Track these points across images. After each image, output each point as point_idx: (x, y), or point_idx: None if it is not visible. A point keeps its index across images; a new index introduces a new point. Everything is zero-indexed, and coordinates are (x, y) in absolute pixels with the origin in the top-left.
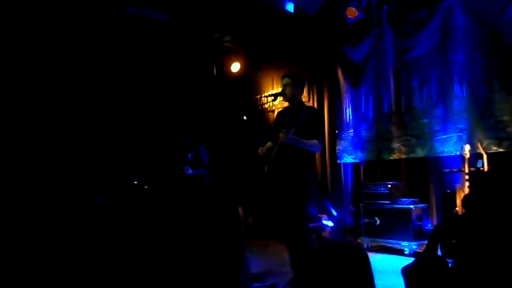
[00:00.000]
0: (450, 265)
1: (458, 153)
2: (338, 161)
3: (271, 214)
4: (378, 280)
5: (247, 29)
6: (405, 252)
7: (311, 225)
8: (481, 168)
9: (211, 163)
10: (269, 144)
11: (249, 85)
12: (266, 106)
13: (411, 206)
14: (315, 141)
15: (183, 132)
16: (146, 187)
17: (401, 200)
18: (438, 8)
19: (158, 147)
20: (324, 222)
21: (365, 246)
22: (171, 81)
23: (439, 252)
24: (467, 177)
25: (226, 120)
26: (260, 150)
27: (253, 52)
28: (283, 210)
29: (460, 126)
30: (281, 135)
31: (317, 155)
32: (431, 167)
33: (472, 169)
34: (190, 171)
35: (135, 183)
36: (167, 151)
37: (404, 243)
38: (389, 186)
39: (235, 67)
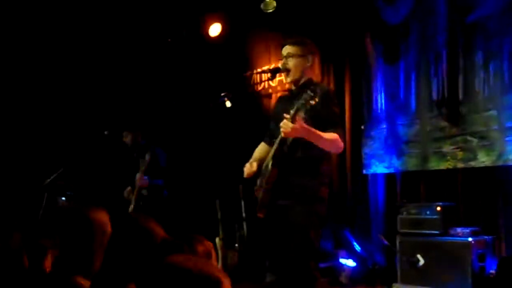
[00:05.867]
0: None
1: None
2: (364, 171)
3: (263, 249)
4: None
5: None
6: None
7: (323, 265)
8: None
9: (172, 172)
10: (258, 153)
11: (234, 56)
12: (260, 87)
13: (470, 239)
14: (334, 135)
15: (131, 126)
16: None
17: (456, 230)
18: None
19: (95, 146)
20: (342, 261)
21: None
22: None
23: None
24: None
25: (196, 109)
26: (246, 169)
27: (241, 7)
28: (281, 243)
29: None
30: (284, 124)
31: (332, 161)
32: (500, 182)
33: None
34: (147, 180)
35: (63, 200)
36: (109, 153)
37: None
38: (439, 209)
39: (215, 29)
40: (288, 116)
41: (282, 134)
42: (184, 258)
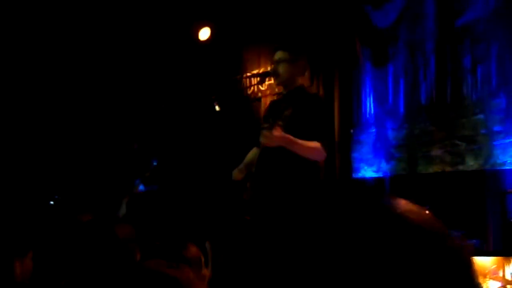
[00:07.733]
0: None
1: None
2: (353, 175)
3: (253, 255)
4: None
5: None
6: None
7: None
8: None
9: (165, 176)
10: (251, 155)
11: (224, 60)
12: (249, 91)
13: None
14: (316, 144)
15: (123, 132)
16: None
17: None
18: None
19: (87, 151)
20: None
21: None
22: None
23: None
24: None
25: (188, 113)
26: (235, 175)
27: (231, 11)
28: (270, 248)
29: None
30: (263, 133)
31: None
32: (488, 186)
33: None
34: (142, 186)
35: (51, 204)
36: (103, 157)
37: None
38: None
39: (204, 33)
40: (267, 126)
41: (262, 143)
42: (155, 263)
